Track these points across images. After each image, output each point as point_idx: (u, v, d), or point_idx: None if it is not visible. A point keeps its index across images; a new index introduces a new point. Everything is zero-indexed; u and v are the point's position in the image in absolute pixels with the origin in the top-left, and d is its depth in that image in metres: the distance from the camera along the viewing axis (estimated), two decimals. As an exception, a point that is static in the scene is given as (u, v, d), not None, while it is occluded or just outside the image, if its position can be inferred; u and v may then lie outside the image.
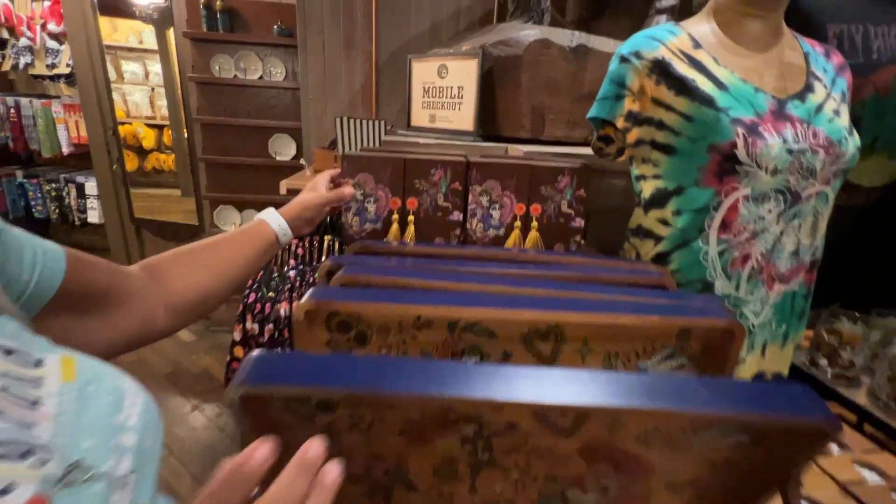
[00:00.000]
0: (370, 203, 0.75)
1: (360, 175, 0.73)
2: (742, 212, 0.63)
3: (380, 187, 0.74)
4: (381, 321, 0.51)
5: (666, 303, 0.53)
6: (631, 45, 0.68)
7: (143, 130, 2.82)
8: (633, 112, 0.68)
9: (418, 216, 0.76)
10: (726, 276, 0.66)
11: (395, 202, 0.75)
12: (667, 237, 0.70)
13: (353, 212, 0.75)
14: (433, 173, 0.76)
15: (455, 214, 0.78)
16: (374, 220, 0.76)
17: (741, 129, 0.60)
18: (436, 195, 0.77)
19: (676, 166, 0.67)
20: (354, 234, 0.76)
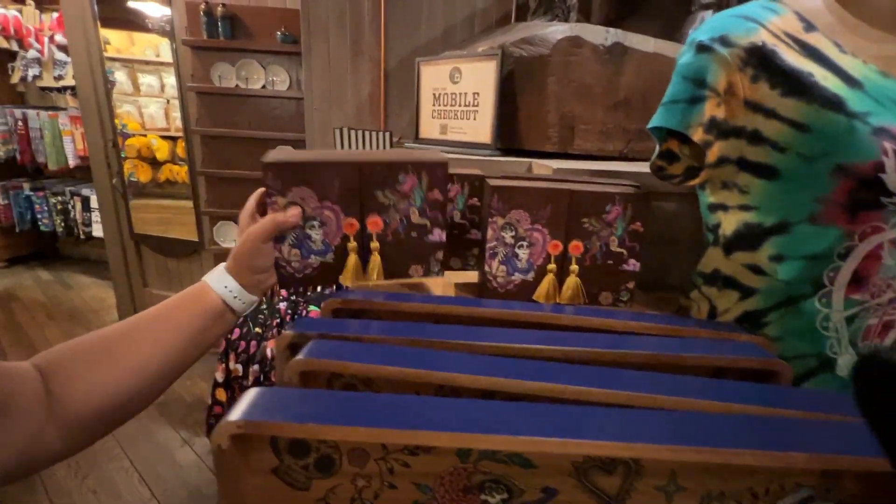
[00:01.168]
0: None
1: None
2: (886, 262, 0.43)
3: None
4: (355, 444, 0.33)
5: (802, 417, 0.34)
6: (713, 29, 0.49)
7: (157, 142, 2.77)
8: (716, 120, 0.49)
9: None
10: (857, 351, 0.46)
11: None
12: (762, 291, 0.51)
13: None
14: (449, 188, 0.64)
15: (473, 233, 0.69)
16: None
17: (890, 145, 0.41)
18: (452, 212, 0.69)
19: (779, 195, 0.48)
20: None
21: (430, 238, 0.55)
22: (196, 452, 1.79)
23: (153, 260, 2.66)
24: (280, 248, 0.51)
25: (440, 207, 0.54)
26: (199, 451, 1.79)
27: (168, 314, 0.44)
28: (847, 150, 0.42)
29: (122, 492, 1.58)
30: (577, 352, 0.43)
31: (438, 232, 0.55)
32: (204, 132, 2.19)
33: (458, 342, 0.44)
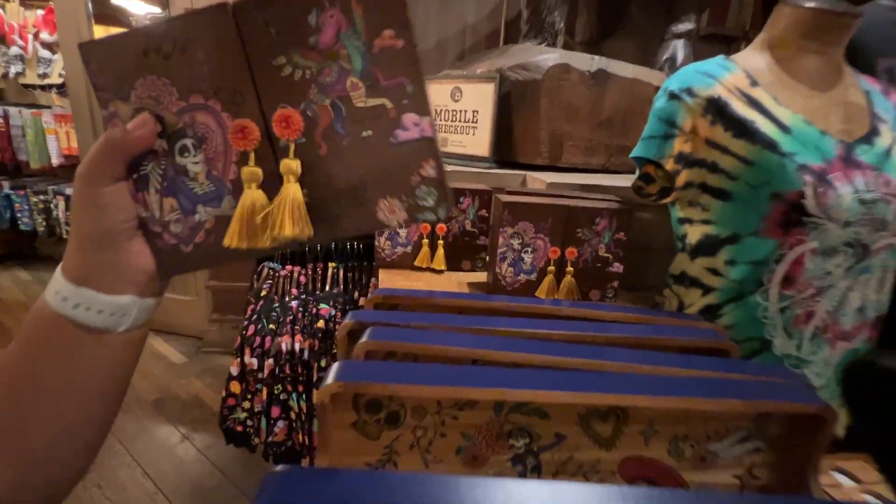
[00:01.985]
0: (402, 228, 0.73)
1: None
2: (808, 266, 0.57)
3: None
4: (417, 401, 0.44)
5: (743, 379, 0.46)
6: (681, 81, 0.62)
7: None
8: (683, 153, 0.62)
9: (447, 241, 0.78)
10: (788, 334, 0.60)
11: (425, 227, 0.76)
12: (718, 288, 0.64)
13: (385, 236, 0.72)
14: (462, 201, 0.76)
15: (482, 239, 0.82)
16: (405, 243, 0.77)
17: (810, 178, 0.54)
18: (463, 221, 0.77)
19: (732, 213, 0.61)
20: (386, 256, 0.76)
21: (400, 137, 0.28)
22: (196, 447, 1.84)
23: (144, 260, 2.67)
24: (144, 200, 0.29)
25: (405, 61, 0.27)
26: (199, 446, 1.85)
27: (24, 362, 0.28)
28: (779, 181, 0.56)
29: (126, 485, 1.63)
30: (573, 335, 0.55)
31: (414, 120, 0.27)
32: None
33: (483, 328, 0.55)
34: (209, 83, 0.28)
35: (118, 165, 0.28)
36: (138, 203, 0.30)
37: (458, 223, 0.77)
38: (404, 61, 0.27)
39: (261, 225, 0.28)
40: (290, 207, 0.28)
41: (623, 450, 0.46)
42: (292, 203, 0.28)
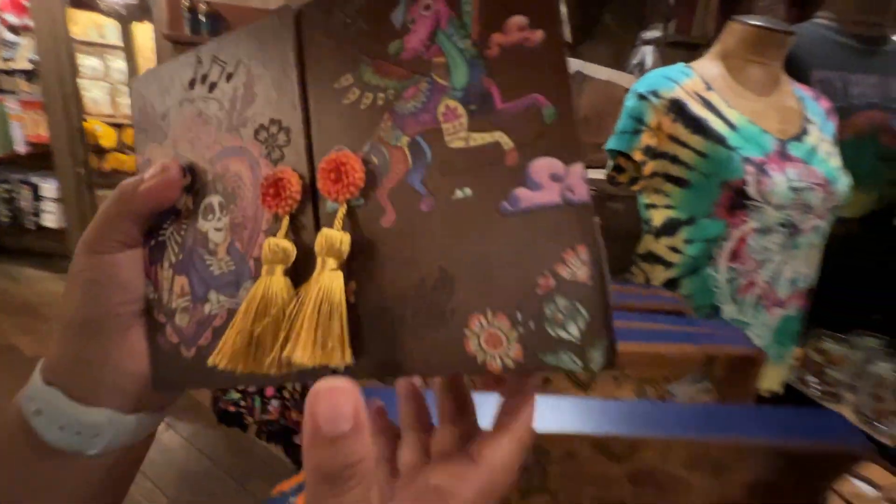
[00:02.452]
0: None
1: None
2: (750, 243, 0.68)
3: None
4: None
5: (694, 331, 0.56)
6: (648, 84, 0.72)
7: (102, 128, 2.68)
8: (650, 146, 0.72)
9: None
10: (734, 301, 0.71)
11: None
12: (677, 264, 0.74)
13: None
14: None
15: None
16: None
17: (751, 168, 0.65)
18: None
19: (689, 198, 0.71)
20: None
21: (522, 202, 0.16)
22: (181, 435, 1.86)
23: (120, 251, 2.63)
24: (155, 277, 0.22)
25: (543, 68, 0.16)
26: (184, 434, 1.86)
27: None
28: (727, 171, 0.66)
29: (110, 472, 1.64)
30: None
31: (550, 170, 0.16)
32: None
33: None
34: (251, 118, 0.20)
35: (129, 227, 0.21)
36: (148, 278, 0.22)
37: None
38: (542, 67, 0.16)
39: (270, 337, 0.18)
40: (316, 312, 0.17)
41: (597, 391, 0.56)
42: (326, 304, 0.17)
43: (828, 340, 0.83)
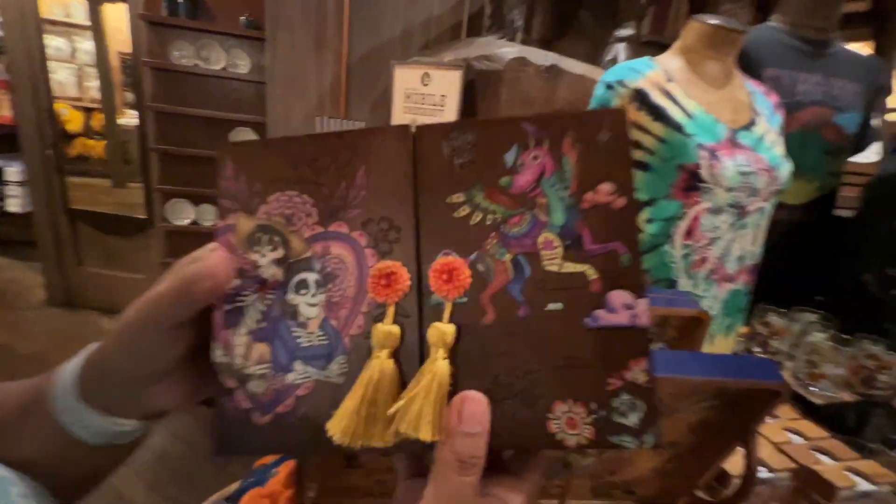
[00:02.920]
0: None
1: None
2: (702, 222, 0.75)
3: None
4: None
5: (650, 296, 0.63)
6: (615, 75, 0.78)
7: (69, 112, 2.60)
8: (616, 132, 0.78)
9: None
10: (688, 275, 0.78)
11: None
12: (640, 242, 0.81)
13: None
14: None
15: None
16: None
17: (704, 153, 0.72)
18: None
19: (650, 181, 0.78)
20: None
21: (601, 320, 0.21)
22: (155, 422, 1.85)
23: (91, 237, 2.57)
24: (227, 340, 0.23)
25: (623, 225, 0.22)
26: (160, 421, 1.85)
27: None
28: (683, 155, 0.73)
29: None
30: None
31: (624, 301, 0.22)
32: (160, 108, 2.19)
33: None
34: (361, 211, 0.23)
35: (184, 313, 0.22)
36: (219, 342, 0.23)
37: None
38: (622, 224, 0.21)
39: (382, 413, 0.21)
40: (434, 396, 0.20)
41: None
42: (438, 389, 0.20)
43: (772, 315, 0.91)
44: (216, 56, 2.18)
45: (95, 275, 2.57)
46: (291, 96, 2.08)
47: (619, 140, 0.22)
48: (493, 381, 0.21)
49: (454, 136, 0.23)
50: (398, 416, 0.20)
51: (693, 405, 0.50)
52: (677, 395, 0.48)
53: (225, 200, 0.24)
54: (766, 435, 0.69)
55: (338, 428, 0.21)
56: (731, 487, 0.55)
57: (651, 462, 0.57)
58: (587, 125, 0.22)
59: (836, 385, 0.81)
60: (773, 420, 0.75)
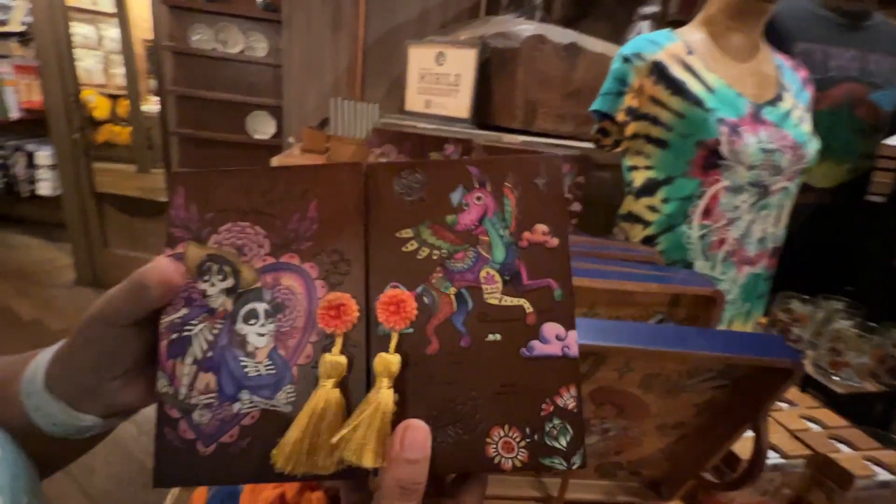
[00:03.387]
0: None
1: (385, 146, 0.77)
2: (722, 201, 0.72)
3: (400, 158, 0.78)
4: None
5: (660, 274, 0.61)
6: (633, 47, 0.75)
7: (96, 99, 2.66)
8: (632, 107, 0.76)
9: None
10: (705, 257, 0.75)
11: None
12: (655, 222, 0.79)
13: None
14: (446, 148, 0.82)
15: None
16: None
17: (725, 129, 0.69)
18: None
19: (667, 159, 0.75)
20: None
21: (536, 350, 0.23)
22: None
23: (117, 219, 2.65)
24: (172, 370, 0.23)
25: (556, 263, 0.24)
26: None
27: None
28: (703, 131, 0.70)
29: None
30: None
31: (556, 333, 0.23)
32: (179, 92, 2.22)
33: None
34: (313, 244, 0.23)
35: (139, 311, 0.23)
36: (164, 371, 0.23)
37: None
38: (555, 262, 0.23)
39: (326, 441, 0.21)
40: (378, 424, 0.21)
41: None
42: (381, 418, 0.21)
43: (795, 301, 0.88)
44: (234, 39, 2.20)
45: (121, 256, 2.66)
46: (307, 78, 2.08)
47: (554, 185, 0.24)
48: (436, 408, 0.23)
49: (405, 175, 0.24)
50: (342, 444, 0.21)
51: (700, 384, 0.49)
52: (683, 372, 0.47)
53: (175, 229, 0.24)
54: (781, 422, 0.67)
55: (281, 456, 0.21)
56: (740, 470, 0.54)
57: (658, 443, 0.56)
58: (525, 170, 0.24)
59: (860, 374, 0.78)
60: (791, 408, 0.73)
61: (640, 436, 0.55)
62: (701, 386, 0.49)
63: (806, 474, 0.61)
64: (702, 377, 0.49)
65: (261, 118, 2.32)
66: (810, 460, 0.61)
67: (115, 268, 2.67)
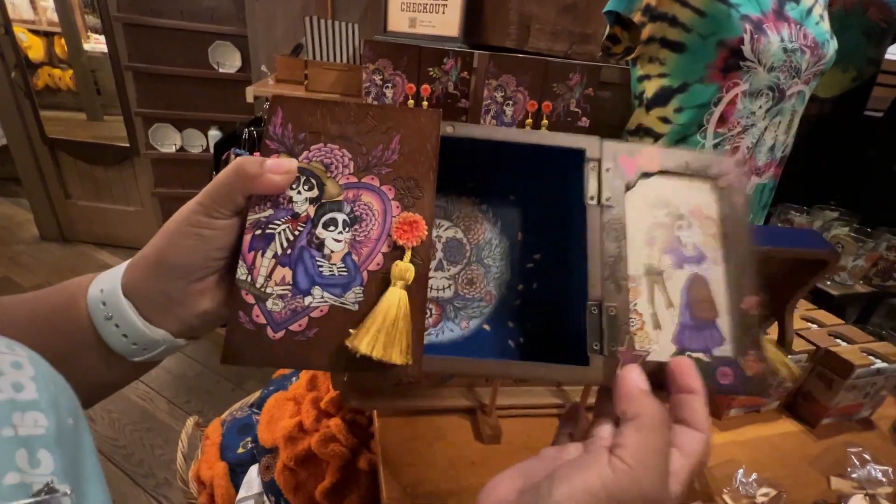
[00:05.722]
0: (388, 88, 0.73)
1: (380, 60, 0.70)
2: (739, 106, 0.70)
3: (397, 73, 0.72)
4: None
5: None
6: (652, -64, 0.68)
7: (28, 38, 2.35)
8: (649, 6, 0.70)
9: (431, 102, 0.78)
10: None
11: (410, 88, 0.76)
12: (667, 134, 0.76)
13: (372, 96, 0.74)
14: (445, 62, 0.77)
15: (463, 102, 0.81)
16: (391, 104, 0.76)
17: (749, 26, 0.65)
18: (447, 83, 0.79)
19: (684, 64, 0.71)
20: None
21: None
22: (169, 345, 1.89)
23: (74, 168, 2.45)
24: (252, 261, 0.25)
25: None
26: (172, 344, 1.90)
27: (29, 321, 0.25)
28: (726, 29, 0.66)
29: (104, 379, 1.67)
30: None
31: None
32: (128, 20, 1.99)
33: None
34: (392, 171, 0.26)
35: (242, 200, 0.25)
36: (244, 262, 0.25)
37: (442, 84, 0.82)
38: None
39: (398, 333, 0.24)
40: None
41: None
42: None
43: (793, 212, 0.89)
44: (184, -44, 1.94)
45: (85, 208, 2.50)
46: (273, 3, 1.88)
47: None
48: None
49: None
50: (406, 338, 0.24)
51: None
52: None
53: (270, 142, 0.26)
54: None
55: (362, 342, 0.23)
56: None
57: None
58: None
59: (854, 277, 0.81)
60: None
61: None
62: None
63: (807, 367, 0.65)
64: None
65: (224, 49, 2.12)
66: (812, 354, 0.64)
67: (83, 221, 2.52)
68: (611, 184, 0.28)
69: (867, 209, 0.87)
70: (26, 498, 0.15)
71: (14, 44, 2.19)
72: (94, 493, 0.18)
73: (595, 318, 0.26)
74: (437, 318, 0.33)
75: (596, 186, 0.27)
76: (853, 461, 0.52)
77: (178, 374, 1.74)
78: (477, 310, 0.33)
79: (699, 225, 0.29)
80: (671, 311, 0.27)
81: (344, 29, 1.32)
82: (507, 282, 0.34)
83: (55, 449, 0.16)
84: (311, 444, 0.64)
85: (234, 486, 0.72)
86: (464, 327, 0.33)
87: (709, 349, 0.27)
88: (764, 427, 0.63)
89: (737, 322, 0.27)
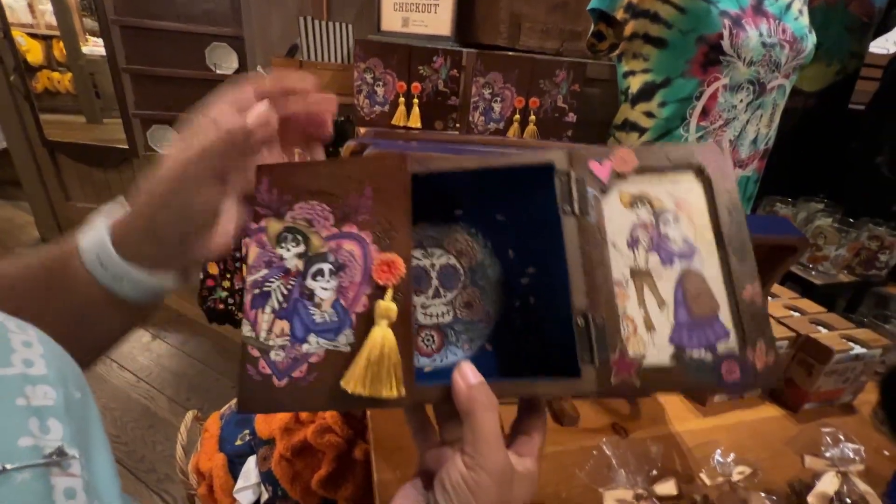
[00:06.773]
0: (379, 86, 0.75)
1: (371, 59, 0.72)
2: (720, 100, 0.71)
3: (388, 72, 0.74)
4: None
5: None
6: (633, -65, 0.70)
7: (26, 42, 2.37)
8: (631, 3, 0.72)
9: (421, 100, 0.80)
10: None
11: (401, 86, 0.78)
12: (651, 128, 0.78)
13: (363, 94, 0.75)
14: (435, 60, 0.79)
15: (453, 100, 0.83)
16: (382, 102, 0.78)
17: (728, 21, 0.67)
18: (437, 81, 0.81)
19: (666, 59, 0.73)
20: (365, 115, 0.78)
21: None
22: (168, 343, 1.91)
23: (74, 170, 2.47)
24: (255, 319, 0.28)
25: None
26: (172, 343, 1.91)
27: (28, 288, 0.27)
28: (705, 25, 0.68)
29: (105, 377, 1.69)
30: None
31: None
32: (126, 23, 2.01)
33: (467, 147, 0.66)
34: (368, 216, 0.28)
35: (222, 158, 0.27)
36: (248, 320, 0.28)
37: (432, 82, 0.84)
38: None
39: (385, 370, 0.26)
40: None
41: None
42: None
43: (778, 203, 0.91)
44: (180, -42, 1.96)
45: (85, 209, 2.52)
46: (268, 4, 1.90)
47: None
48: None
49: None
50: (393, 372, 0.26)
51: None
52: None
53: (259, 208, 0.29)
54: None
55: (351, 381, 0.26)
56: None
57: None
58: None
59: (837, 266, 0.83)
60: (774, 299, 0.77)
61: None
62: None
63: (789, 354, 0.66)
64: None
65: (221, 51, 2.14)
66: (792, 341, 0.66)
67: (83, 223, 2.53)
68: (584, 192, 0.28)
69: (850, 200, 0.88)
70: (39, 458, 0.16)
71: (13, 47, 2.21)
72: (101, 458, 0.20)
73: (582, 330, 0.26)
74: (440, 344, 0.35)
75: (568, 198, 0.28)
76: (826, 440, 0.53)
77: (179, 372, 1.76)
78: (477, 331, 0.35)
79: (687, 217, 0.28)
80: (664, 310, 0.26)
81: (338, 29, 1.34)
82: (504, 301, 0.35)
83: (64, 418, 0.18)
84: (307, 435, 0.66)
85: (232, 477, 0.74)
86: (466, 350, 0.34)
87: (712, 344, 0.26)
88: (747, 412, 0.65)
89: (741, 313, 0.27)
